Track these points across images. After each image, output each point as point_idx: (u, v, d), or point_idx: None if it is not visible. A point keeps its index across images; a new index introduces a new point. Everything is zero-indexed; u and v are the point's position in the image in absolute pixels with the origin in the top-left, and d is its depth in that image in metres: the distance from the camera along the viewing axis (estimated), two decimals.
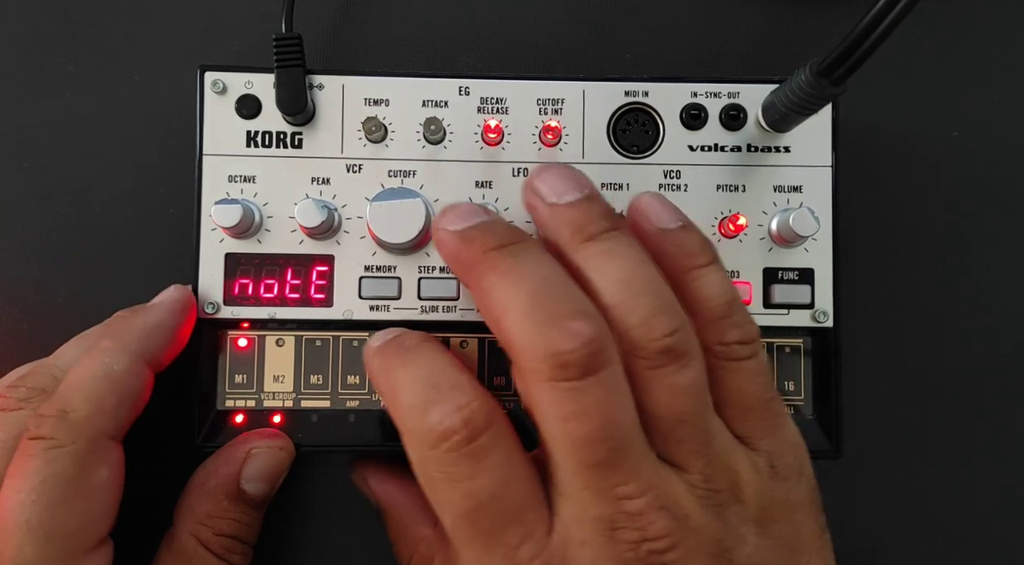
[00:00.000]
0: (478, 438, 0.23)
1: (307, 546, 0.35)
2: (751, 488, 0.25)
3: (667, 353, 0.23)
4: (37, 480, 0.24)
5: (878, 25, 0.24)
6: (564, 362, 0.22)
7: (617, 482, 0.23)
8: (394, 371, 0.25)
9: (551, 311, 0.23)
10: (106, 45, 0.37)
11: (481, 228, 0.25)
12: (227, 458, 0.30)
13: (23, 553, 0.24)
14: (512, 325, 0.23)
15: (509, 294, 0.23)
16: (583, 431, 0.22)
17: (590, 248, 0.25)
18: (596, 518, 0.23)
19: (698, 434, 0.24)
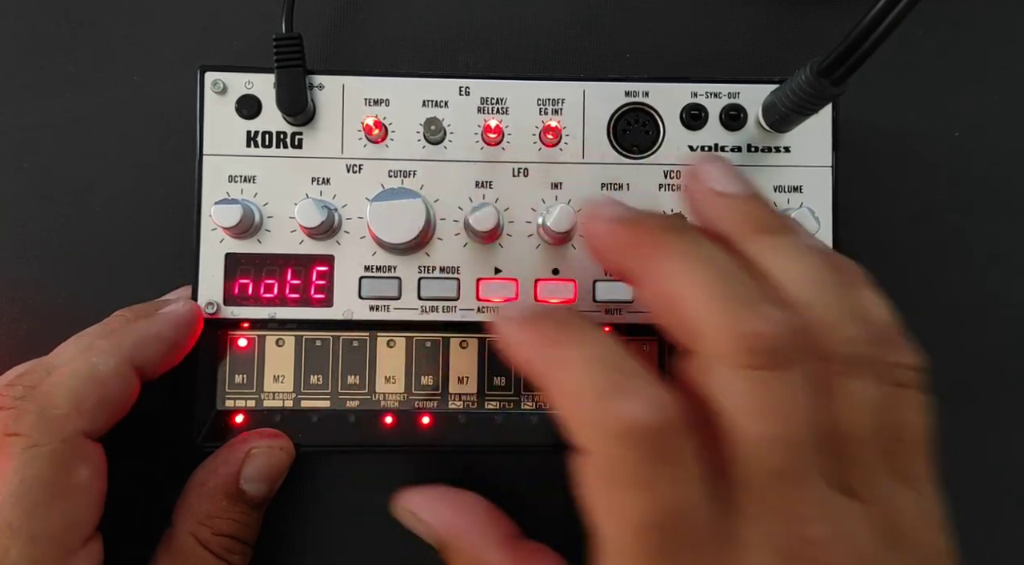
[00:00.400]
0: (674, 440, 0.20)
1: (307, 546, 0.35)
2: (922, 537, 0.22)
3: (863, 362, 0.21)
4: (15, 482, 0.24)
5: (878, 25, 0.24)
6: (761, 347, 0.20)
7: (802, 502, 0.20)
8: (556, 348, 0.22)
9: (742, 294, 0.21)
10: (106, 45, 0.37)
11: (645, 214, 0.24)
12: (227, 458, 0.30)
13: (8, 555, 0.24)
14: (697, 306, 0.21)
15: (692, 276, 0.21)
16: (774, 430, 0.20)
17: (768, 240, 0.23)
18: (779, 549, 0.20)
19: (878, 460, 0.21)
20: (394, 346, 0.32)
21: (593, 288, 0.32)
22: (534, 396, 0.32)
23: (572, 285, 0.32)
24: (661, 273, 0.22)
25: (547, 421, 0.32)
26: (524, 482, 0.35)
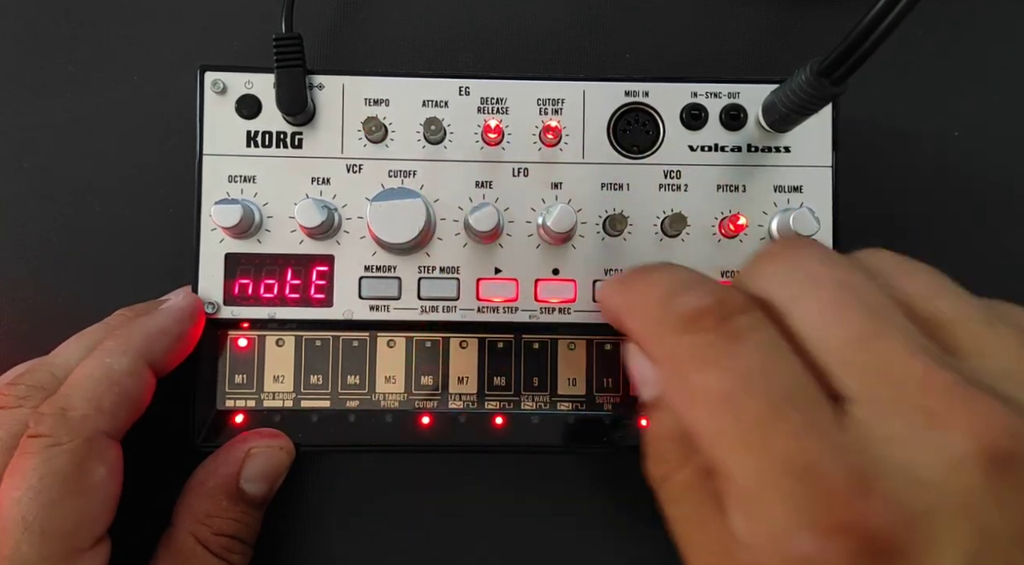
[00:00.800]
0: (735, 317, 0.20)
1: (307, 546, 0.35)
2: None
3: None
4: (35, 478, 0.24)
5: (878, 25, 0.24)
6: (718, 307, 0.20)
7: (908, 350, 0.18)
8: (636, 284, 0.23)
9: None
10: (106, 45, 0.37)
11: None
12: (227, 458, 0.30)
13: (19, 550, 0.24)
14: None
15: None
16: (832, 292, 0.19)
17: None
18: (903, 405, 0.18)
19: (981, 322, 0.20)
20: (394, 346, 0.32)
21: (593, 288, 0.32)
22: (534, 396, 0.32)
23: (572, 285, 0.32)
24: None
25: (547, 421, 0.32)
26: (524, 482, 0.35)
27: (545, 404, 0.32)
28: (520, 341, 0.32)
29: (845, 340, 0.19)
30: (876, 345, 0.18)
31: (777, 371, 0.19)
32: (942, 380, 0.18)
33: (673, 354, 0.20)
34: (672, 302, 0.21)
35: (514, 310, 0.32)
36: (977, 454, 0.17)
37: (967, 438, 0.17)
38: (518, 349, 0.32)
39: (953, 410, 0.17)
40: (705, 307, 0.20)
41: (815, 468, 0.17)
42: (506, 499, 0.35)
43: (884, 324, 0.19)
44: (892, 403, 0.18)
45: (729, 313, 0.20)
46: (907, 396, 0.18)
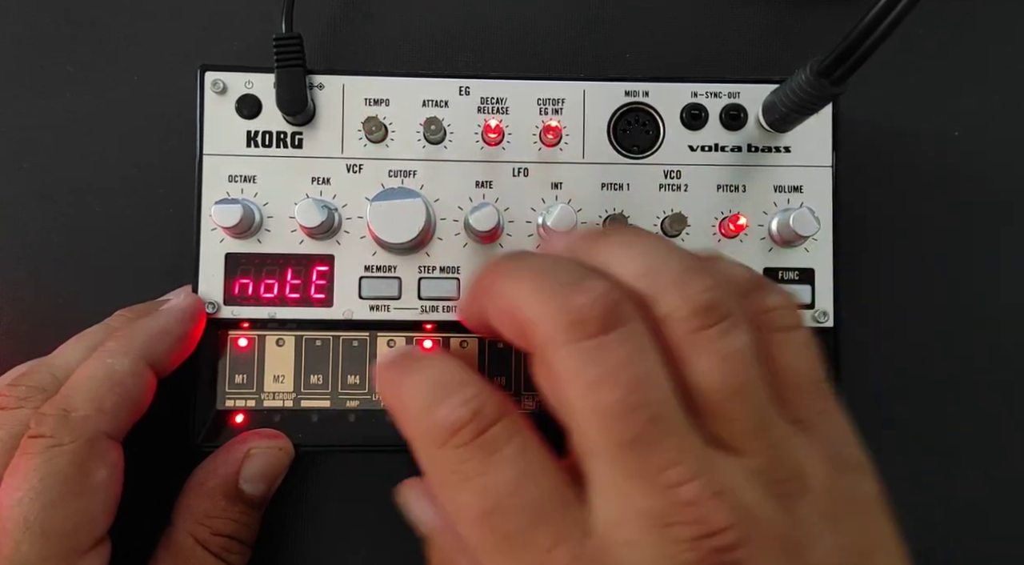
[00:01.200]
0: (488, 429, 0.21)
1: (307, 546, 0.35)
2: (818, 478, 0.21)
3: (708, 311, 0.21)
4: (36, 479, 0.24)
5: (878, 25, 0.24)
6: (580, 318, 0.20)
7: (662, 464, 0.19)
8: (400, 380, 0.24)
9: (560, 279, 0.21)
10: (106, 45, 0.37)
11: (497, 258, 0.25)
12: (226, 458, 0.30)
13: (20, 551, 0.24)
14: (522, 305, 0.21)
15: (518, 282, 0.22)
16: (613, 399, 0.19)
17: (607, 238, 0.24)
18: (642, 512, 0.19)
19: (753, 410, 0.21)
20: (394, 346, 0.32)
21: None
22: (534, 396, 0.32)
23: None
24: (496, 295, 0.23)
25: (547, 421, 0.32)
26: None
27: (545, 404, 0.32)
28: None
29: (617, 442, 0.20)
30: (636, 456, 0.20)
31: (529, 484, 0.21)
32: (688, 493, 0.19)
33: (435, 469, 0.22)
34: (432, 412, 0.22)
35: None
36: (701, 561, 0.19)
37: (691, 548, 0.19)
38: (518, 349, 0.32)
39: (686, 523, 0.19)
40: (460, 420, 0.21)
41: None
42: None
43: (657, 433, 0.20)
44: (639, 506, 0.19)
45: (484, 425, 0.21)
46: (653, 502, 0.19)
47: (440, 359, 0.24)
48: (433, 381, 0.23)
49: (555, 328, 0.20)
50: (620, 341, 0.20)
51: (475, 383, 0.22)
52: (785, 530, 0.20)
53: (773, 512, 0.20)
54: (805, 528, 0.20)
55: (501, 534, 0.20)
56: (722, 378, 0.20)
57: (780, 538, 0.20)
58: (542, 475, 0.21)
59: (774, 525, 0.20)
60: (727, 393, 0.20)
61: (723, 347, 0.20)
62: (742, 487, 0.20)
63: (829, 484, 0.21)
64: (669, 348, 0.21)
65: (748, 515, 0.19)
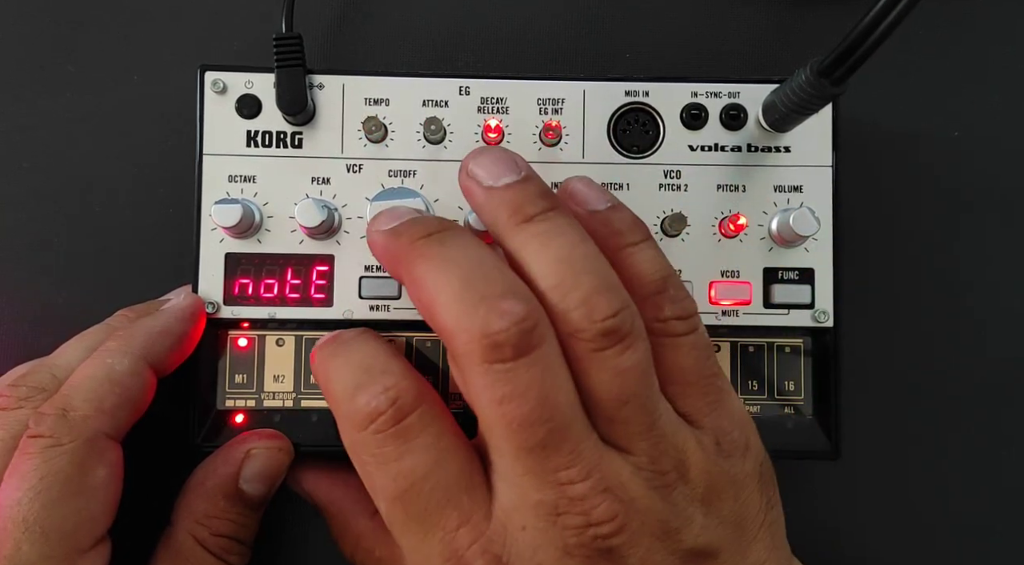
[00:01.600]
0: (405, 418, 0.23)
1: (306, 546, 0.35)
2: (697, 467, 0.24)
3: (611, 335, 0.23)
4: (36, 478, 0.24)
5: (878, 25, 0.24)
6: (496, 342, 0.22)
7: (558, 465, 0.22)
8: (329, 361, 0.26)
9: (482, 292, 0.22)
10: (106, 45, 0.37)
11: (409, 222, 0.25)
12: (226, 458, 0.30)
13: (20, 551, 0.24)
14: (443, 310, 0.23)
15: (439, 280, 0.23)
16: (519, 413, 0.22)
17: (527, 230, 0.24)
18: (538, 503, 0.23)
19: (642, 415, 0.24)
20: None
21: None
22: None
23: None
24: (414, 281, 0.24)
25: None
26: None
27: None
28: None
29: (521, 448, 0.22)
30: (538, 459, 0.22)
31: (440, 470, 0.23)
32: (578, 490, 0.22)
33: (355, 450, 0.25)
34: (353, 398, 0.24)
35: None
36: (583, 545, 0.22)
37: (576, 534, 0.22)
38: None
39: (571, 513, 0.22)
40: (378, 408, 0.23)
41: (461, 559, 0.23)
42: None
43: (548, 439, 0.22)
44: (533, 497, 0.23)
45: (401, 414, 0.23)
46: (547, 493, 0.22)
47: (366, 343, 0.26)
48: (356, 365, 0.25)
49: (472, 348, 0.22)
50: (531, 364, 0.22)
51: (396, 371, 0.25)
52: (662, 517, 0.23)
53: (652, 502, 0.23)
54: (680, 512, 0.24)
55: (412, 513, 0.23)
56: (617, 390, 0.23)
57: (656, 524, 0.23)
58: (452, 462, 0.24)
59: (652, 513, 0.23)
60: (620, 402, 0.23)
61: (619, 364, 0.23)
62: (628, 482, 0.23)
63: (707, 469, 0.24)
64: (574, 358, 0.23)
65: (630, 507, 0.23)
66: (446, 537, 0.23)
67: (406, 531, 0.24)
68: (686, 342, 0.25)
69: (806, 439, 0.32)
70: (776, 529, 0.27)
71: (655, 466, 0.24)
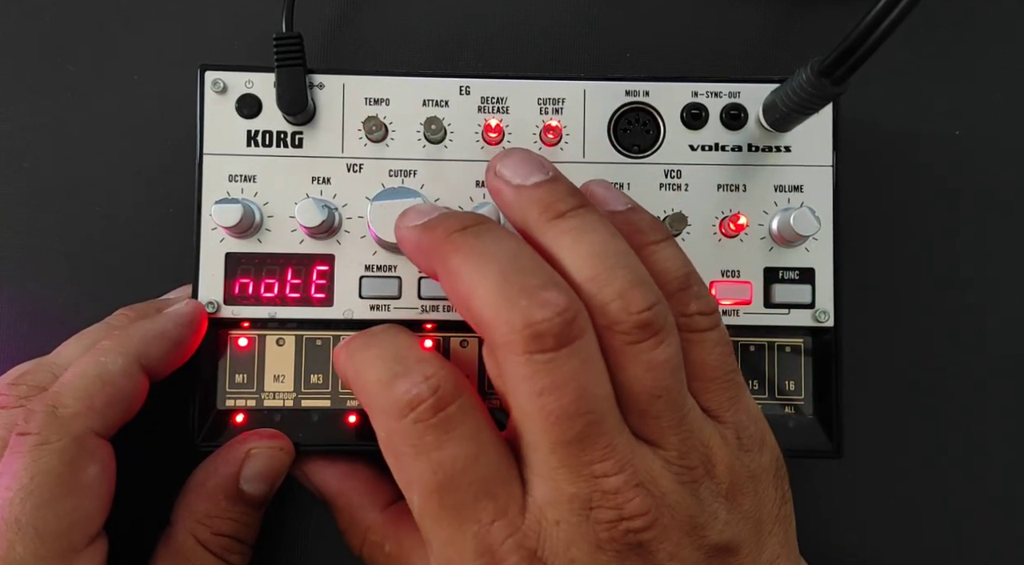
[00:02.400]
0: (446, 407, 0.23)
1: (307, 546, 0.35)
2: (723, 463, 0.25)
3: (646, 328, 0.23)
4: (27, 478, 0.24)
5: (879, 25, 0.24)
6: (538, 332, 0.22)
7: (593, 459, 0.22)
8: (358, 354, 0.26)
9: (522, 283, 0.22)
10: (106, 45, 0.37)
11: (442, 216, 0.26)
12: (226, 458, 0.30)
13: (13, 551, 0.24)
14: (482, 301, 0.23)
15: (478, 271, 0.23)
16: (558, 405, 0.22)
17: (559, 226, 0.24)
18: (572, 497, 0.22)
19: (673, 409, 0.24)
20: None
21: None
22: None
23: None
24: (450, 272, 0.24)
25: None
26: None
27: None
28: None
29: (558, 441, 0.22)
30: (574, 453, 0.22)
31: (479, 463, 0.23)
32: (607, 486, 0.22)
33: (391, 439, 0.24)
34: (390, 387, 0.24)
35: None
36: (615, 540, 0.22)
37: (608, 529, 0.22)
38: None
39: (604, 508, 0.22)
40: (419, 396, 0.23)
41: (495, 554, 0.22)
42: None
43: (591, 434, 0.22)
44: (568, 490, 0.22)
45: (442, 403, 0.23)
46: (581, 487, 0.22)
47: (397, 335, 0.26)
48: (391, 356, 0.25)
49: (513, 338, 0.22)
50: (571, 355, 0.22)
51: (434, 361, 0.24)
52: (690, 512, 0.23)
53: (681, 497, 0.23)
54: (706, 508, 0.24)
55: (448, 506, 0.23)
56: (650, 383, 0.23)
57: (685, 519, 0.23)
58: (491, 454, 0.23)
59: (681, 508, 0.23)
60: (652, 396, 0.23)
61: (653, 357, 0.23)
62: (659, 477, 0.23)
63: (731, 464, 0.25)
64: (609, 350, 0.23)
65: (661, 502, 0.23)
66: (480, 531, 0.23)
67: (439, 524, 0.23)
68: (710, 338, 0.25)
69: (807, 438, 0.32)
70: (788, 524, 0.27)
71: (684, 461, 0.24)
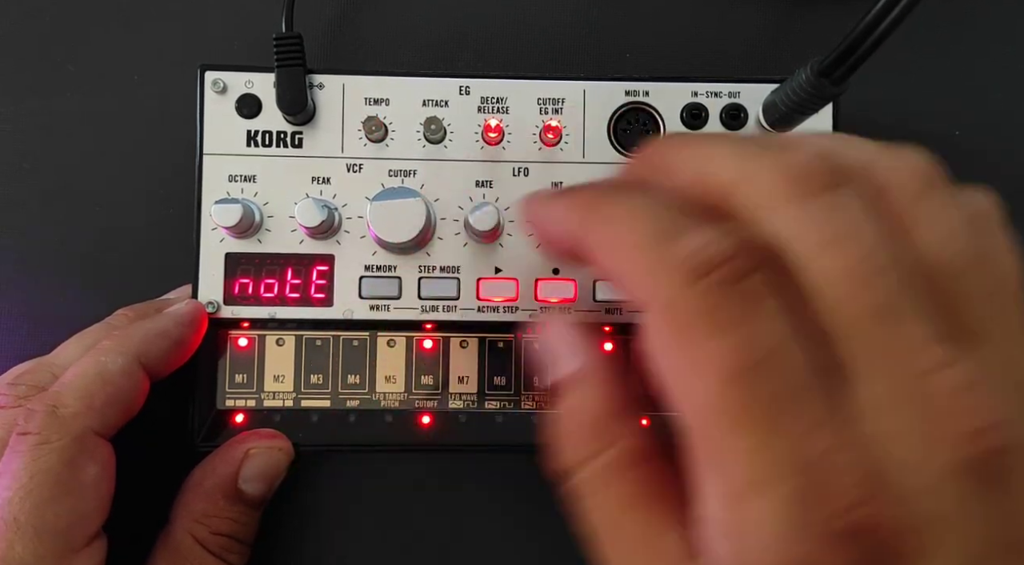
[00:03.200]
0: (753, 274, 0.17)
1: (306, 546, 0.35)
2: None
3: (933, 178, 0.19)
4: (26, 477, 0.24)
5: (878, 25, 0.24)
6: (803, 173, 0.17)
7: (919, 340, 0.16)
8: (603, 206, 0.19)
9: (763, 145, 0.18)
10: (106, 45, 0.37)
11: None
12: (225, 458, 0.30)
13: (13, 551, 0.24)
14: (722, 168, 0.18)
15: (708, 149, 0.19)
16: (857, 256, 0.16)
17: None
18: (910, 398, 0.16)
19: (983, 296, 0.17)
20: (394, 346, 0.32)
21: (593, 287, 0.32)
22: (534, 396, 0.32)
23: (572, 284, 0.32)
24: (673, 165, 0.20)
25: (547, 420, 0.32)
26: (524, 482, 0.35)
27: (545, 404, 0.32)
28: (520, 341, 0.32)
29: (866, 312, 0.16)
30: (896, 327, 0.16)
31: (795, 349, 0.16)
32: (952, 380, 0.16)
33: (673, 308, 0.17)
34: (673, 244, 0.17)
35: (514, 310, 0.32)
36: (971, 462, 0.16)
37: (965, 445, 0.16)
38: (518, 349, 0.32)
39: (956, 413, 0.16)
40: (718, 255, 0.17)
41: (824, 467, 0.16)
42: (507, 499, 0.35)
43: (909, 303, 0.16)
44: (899, 395, 0.16)
45: (747, 268, 0.17)
46: (915, 391, 0.16)
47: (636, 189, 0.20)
48: (664, 204, 0.18)
49: (774, 185, 0.17)
50: (851, 197, 0.17)
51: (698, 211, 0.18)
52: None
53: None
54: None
55: (759, 400, 0.16)
56: (963, 247, 0.17)
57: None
58: (810, 344, 0.17)
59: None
60: (968, 265, 0.17)
61: (959, 212, 0.18)
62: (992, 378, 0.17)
63: None
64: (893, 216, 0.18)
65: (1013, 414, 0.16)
66: (794, 437, 0.16)
67: (741, 425, 0.16)
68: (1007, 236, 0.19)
69: None
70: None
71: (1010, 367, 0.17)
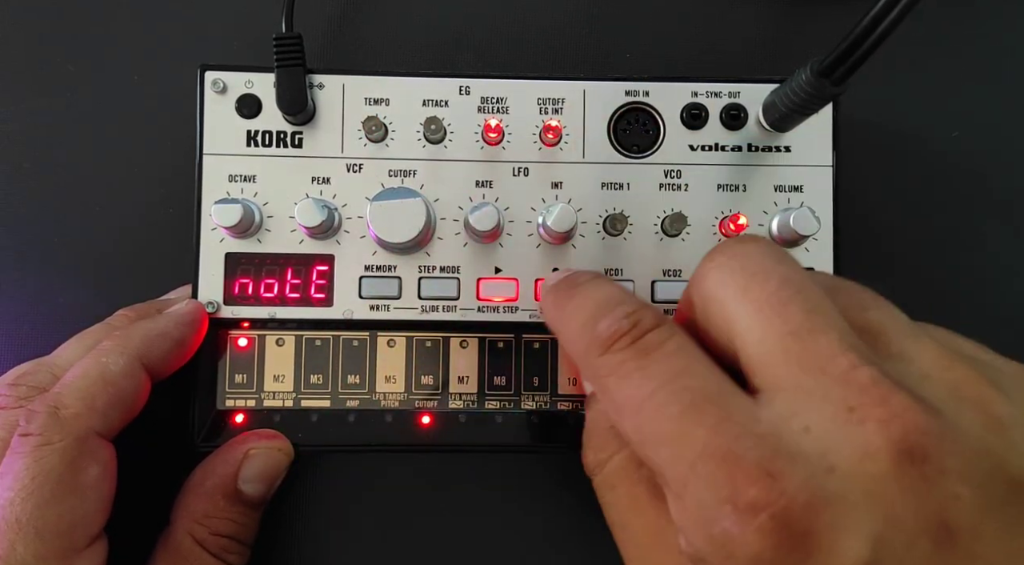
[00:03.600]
0: (646, 335, 0.22)
1: (305, 546, 0.35)
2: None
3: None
4: (28, 478, 0.24)
5: (878, 25, 0.24)
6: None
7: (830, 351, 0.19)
8: (565, 303, 0.25)
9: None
10: (106, 45, 0.37)
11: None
12: (225, 458, 0.30)
13: (14, 551, 0.24)
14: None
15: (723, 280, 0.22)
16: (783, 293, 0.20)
17: None
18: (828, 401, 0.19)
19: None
20: (394, 346, 0.32)
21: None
22: (534, 396, 0.32)
23: None
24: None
25: (548, 420, 0.32)
26: (524, 482, 0.35)
27: (546, 404, 0.32)
28: (520, 341, 0.32)
29: (782, 332, 0.20)
30: (810, 339, 0.20)
31: (691, 372, 0.21)
32: (865, 377, 0.19)
33: (597, 373, 0.23)
34: (594, 327, 0.23)
35: (514, 310, 0.32)
36: (888, 447, 0.18)
37: (880, 432, 0.18)
38: (518, 349, 0.32)
39: (871, 405, 0.18)
40: (620, 330, 0.22)
41: (731, 454, 0.19)
42: (507, 499, 0.35)
43: (822, 320, 0.20)
44: (814, 395, 0.19)
45: (642, 332, 0.22)
46: (830, 389, 0.19)
47: (600, 282, 0.26)
48: (595, 301, 0.24)
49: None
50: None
51: (634, 301, 0.24)
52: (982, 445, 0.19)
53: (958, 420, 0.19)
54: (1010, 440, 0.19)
55: (666, 415, 0.20)
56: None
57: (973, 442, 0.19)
58: (702, 369, 0.21)
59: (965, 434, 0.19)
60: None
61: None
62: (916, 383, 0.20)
63: None
64: None
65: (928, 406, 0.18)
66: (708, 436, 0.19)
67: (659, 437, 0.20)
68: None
69: None
70: None
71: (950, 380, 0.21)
